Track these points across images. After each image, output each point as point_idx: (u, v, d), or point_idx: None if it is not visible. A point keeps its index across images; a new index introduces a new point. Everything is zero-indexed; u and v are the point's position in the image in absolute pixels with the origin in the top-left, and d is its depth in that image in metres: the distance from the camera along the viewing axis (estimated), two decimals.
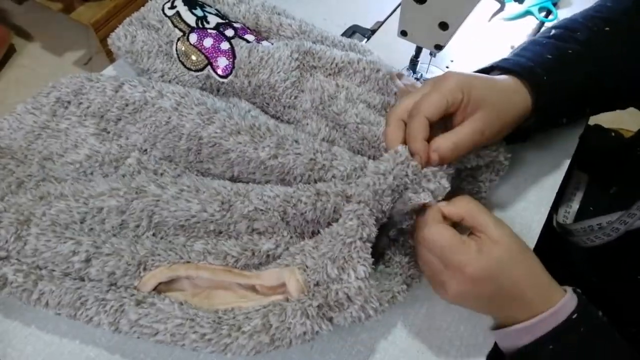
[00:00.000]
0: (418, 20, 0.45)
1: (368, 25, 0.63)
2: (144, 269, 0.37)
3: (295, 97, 0.48)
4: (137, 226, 0.39)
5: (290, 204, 0.38)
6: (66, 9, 1.35)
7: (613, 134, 0.66)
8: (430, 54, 0.52)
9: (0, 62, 1.56)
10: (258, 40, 0.51)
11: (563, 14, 0.64)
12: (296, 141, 0.42)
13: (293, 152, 0.41)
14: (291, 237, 0.39)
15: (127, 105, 0.45)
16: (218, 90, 0.51)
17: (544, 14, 0.64)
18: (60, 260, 0.36)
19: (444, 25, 0.44)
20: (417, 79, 0.56)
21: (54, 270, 0.37)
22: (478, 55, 0.59)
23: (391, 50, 0.57)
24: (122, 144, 0.45)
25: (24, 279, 0.36)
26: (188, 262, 0.38)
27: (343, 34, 0.61)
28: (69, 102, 0.46)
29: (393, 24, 0.61)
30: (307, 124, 0.48)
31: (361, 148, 0.45)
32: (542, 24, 0.63)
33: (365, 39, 0.61)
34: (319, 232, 0.39)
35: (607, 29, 0.44)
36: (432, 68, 0.56)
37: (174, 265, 0.37)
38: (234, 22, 0.53)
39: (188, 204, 0.39)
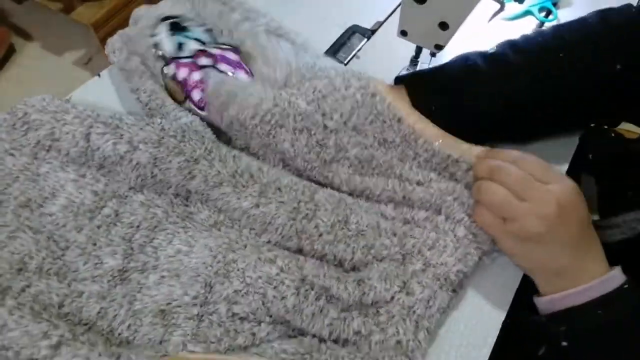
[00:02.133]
0: (418, 20, 0.45)
1: (368, 25, 0.63)
2: None
3: (271, 136, 0.44)
4: (115, 316, 0.37)
5: (271, 285, 0.37)
6: (66, 8, 1.35)
7: (613, 134, 0.66)
8: (431, 54, 0.52)
9: (0, 61, 1.56)
10: (234, 70, 0.49)
11: (563, 13, 0.64)
12: (279, 189, 0.41)
13: (276, 200, 0.41)
14: (274, 327, 0.38)
15: (105, 158, 0.43)
16: (203, 119, 0.48)
17: (544, 14, 0.64)
18: (26, 342, 0.33)
19: (444, 25, 0.44)
20: None
21: (19, 353, 0.33)
22: None
23: (391, 50, 0.57)
24: (98, 191, 0.42)
25: None
26: (164, 355, 0.36)
27: (343, 34, 0.61)
28: (49, 147, 0.43)
29: (393, 24, 0.61)
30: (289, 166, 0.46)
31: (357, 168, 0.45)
32: (542, 24, 0.63)
33: (365, 39, 0.61)
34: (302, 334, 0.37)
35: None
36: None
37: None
38: (214, 48, 0.50)
39: (170, 288, 0.38)
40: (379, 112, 0.45)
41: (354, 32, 0.62)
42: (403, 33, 0.48)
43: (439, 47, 0.47)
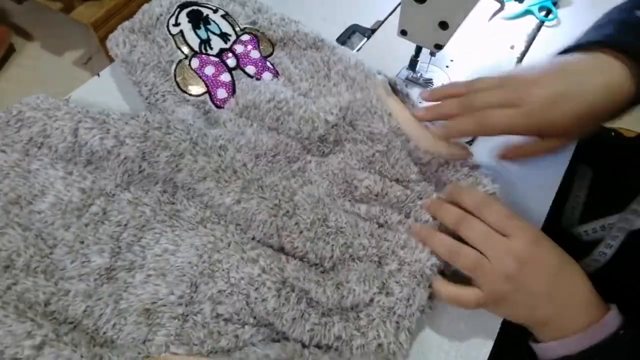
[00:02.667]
0: (418, 19, 0.45)
1: (368, 24, 0.63)
2: None
3: (279, 120, 0.47)
4: (101, 315, 0.37)
5: (253, 286, 0.37)
6: (66, 8, 1.35)
7: (613, 133, 0.66)
8: (430, 53, 0.52)
9: (0, 61, 1.56)
10: (260, 72, 0.51)
11: (563, 13, 0.64)
12: (261, 187, 0.42)
13: (257, 196, 0.41)
14: (258, 329, 0.38)
15: (92, 153, 0.42)
16: (204, 113, 0.50)
17: (543, 13, 0.64)
18: (9, 342, 0.33)
19: (444, 25, 0.44)
20: (417, 79, 0.56)
21: (3, 352, 0.33)
22: (478, 54, 0.59)
23: (391, 50, 0.57)
24: (85, 188, 0.42)
25: None
26: (147, 356, 0.36)
27: (343, 33, 0.61)
28: (41, 144, 0.43)
29: (393, 24, 0.60)
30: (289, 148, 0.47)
31: (335, 178, 0.46)
32: (542, 23, 0.63)
33: (365, 39, 0.61)
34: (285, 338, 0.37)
35: None
36: (432, 67, 0.56)
37: None
38: (238, 42, 0.53)
39: (156, 287, 0.38)
40: (372, 105, 0.47)
41: (354, 32, 0.62)
42: (403, 32, 0.48)
43: (439, 47, 0.47)
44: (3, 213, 0.40)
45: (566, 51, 0.41)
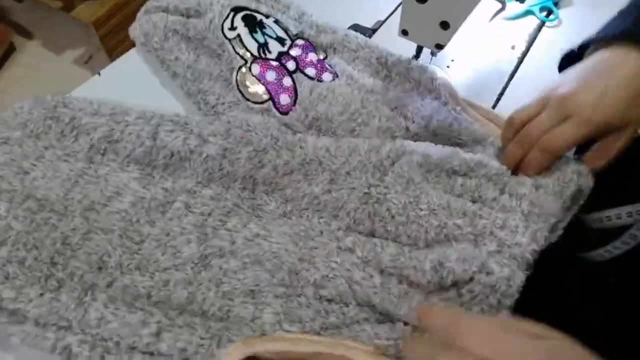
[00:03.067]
0: (419, 19, 0.45)
1: (369, 24, 0.63)
2: (218, 345, 0.34)
3: (354, 132, 0.46)
4: (204, 299, 0.38)
5: (358, 269, 0.38)
6: (66, 7, 1.35)
7: None
8: (431, 53, 0.52)
9: (0, 60, 1.56)
10: (320, 73, 0.51)
11: (564, 13, 0.64)
12: (348, 173, 0.42)
13: (347, 186, 0.41)
14: (362, 308, 0.38)
15: (172, 155, 0.43)
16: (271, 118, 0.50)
17: (545, 13, 0.64)
18: (127, 332, 0.34)
19: (445, 25, 0.44)
20: None
21: (119, 343, 0.34)
22: (479, 55, 0.59)
23: (392, 50, 0.57)
24: (167, 187, 0.43)
25: (89, 351, 0.34)
26: (263, 334, 0.36)
27: None
28: (105, 149, 0.44)
29: (394, 23, 0.60)
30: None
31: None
32: (543, 23, 0.63)
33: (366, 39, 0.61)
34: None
35: None
36: (432, 67, 0.56)
37: (249, 340, 0.35)
38: (294, 46, 0.52)
39: (256, 273, 0.39)
40: (455, 117, 0.47)
41: (354, 32, 0.62)
42: (404, 32, 0.48)
43: (440, 47, 0.47)
44: (83, 220, 0.41)
45: (588, 44, 0.42)
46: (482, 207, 0.42)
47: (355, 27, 0.62)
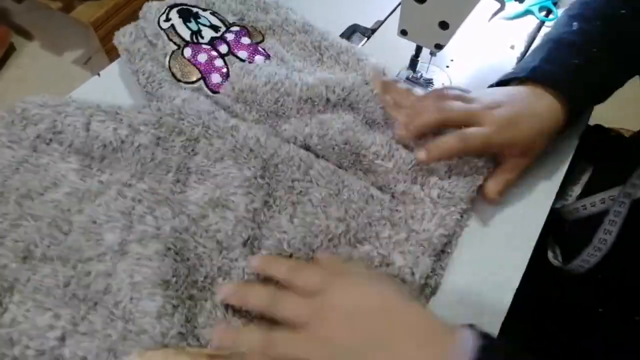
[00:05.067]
0: (418, 19, 0.45)
1: (368, 24, 0.63)
2: (114, 357, 0.34)
3: (277, 102, 0.47)
4: (119, 289, 0.37)
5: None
6: (66, 7, 1.35)
7: (613, 133, 0.66)
8: (431, 53, 0.52)
9: (0, 61, 1.56)
10: (252, 55, 0.52)
11: None
12: (277, 166, 0.44)
13: (275, 177, 0.44)
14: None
15: (105, 145, 0.43)
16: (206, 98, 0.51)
17: (544, 13, 0.64)
18: (35, 334, 0.34)
19: (444, 25, 0.44)
20: (417, 79, 0.56)
21: (28, 348, 0.34)
22: (478, 54, 0.59)
23: (391, 50, 0.57)
24: (103, 180, 0.43)
25: None
26: (165, 346, 0.34)
27: (343, 33, 0.61)
28: (50, 140, 0.44)
29: (393, 23, 0.60)
30: (285, 130, 0.47)
31: (341, 152, 0.46)
32: (542, 23, 0.63)
33: (365, 38, 0.61)
34: None
35: (622, 12, 0.46)
36: (432, 67, 0.56)
37: (148, 353, 0.34)
38: (228, 32, 0.53)
39: (173, 263, 0.38)
40: (375, 95, 0.48)
41: (354, 31, 0.62)
42: (403, 32, 0.48)
43: (439, 47, 0.47)
44: (17, 206, 0.41)
45: (507, 81, 0.48)
46: (398, 203, 0.44)
47: (355, 27, 0.62)
